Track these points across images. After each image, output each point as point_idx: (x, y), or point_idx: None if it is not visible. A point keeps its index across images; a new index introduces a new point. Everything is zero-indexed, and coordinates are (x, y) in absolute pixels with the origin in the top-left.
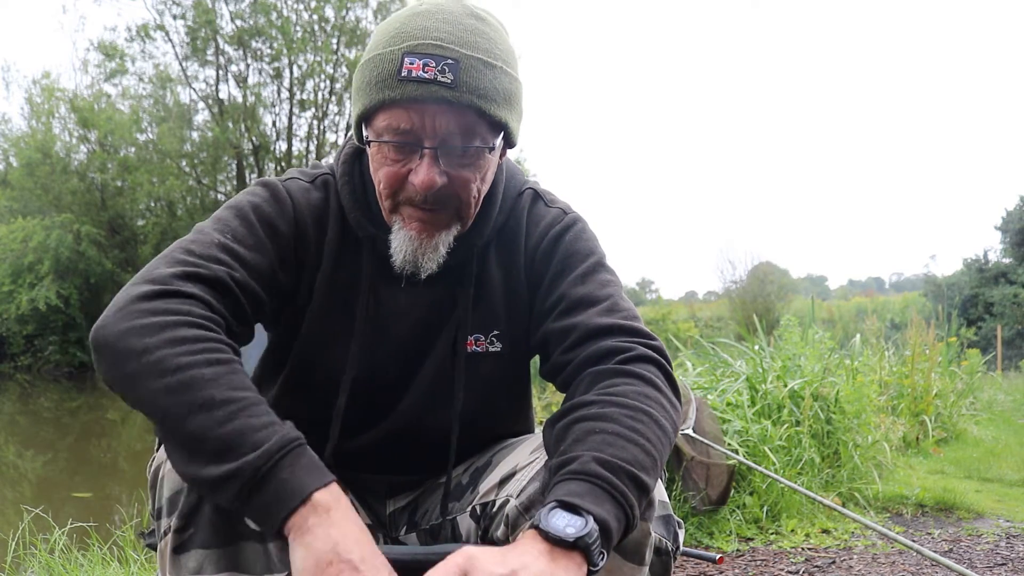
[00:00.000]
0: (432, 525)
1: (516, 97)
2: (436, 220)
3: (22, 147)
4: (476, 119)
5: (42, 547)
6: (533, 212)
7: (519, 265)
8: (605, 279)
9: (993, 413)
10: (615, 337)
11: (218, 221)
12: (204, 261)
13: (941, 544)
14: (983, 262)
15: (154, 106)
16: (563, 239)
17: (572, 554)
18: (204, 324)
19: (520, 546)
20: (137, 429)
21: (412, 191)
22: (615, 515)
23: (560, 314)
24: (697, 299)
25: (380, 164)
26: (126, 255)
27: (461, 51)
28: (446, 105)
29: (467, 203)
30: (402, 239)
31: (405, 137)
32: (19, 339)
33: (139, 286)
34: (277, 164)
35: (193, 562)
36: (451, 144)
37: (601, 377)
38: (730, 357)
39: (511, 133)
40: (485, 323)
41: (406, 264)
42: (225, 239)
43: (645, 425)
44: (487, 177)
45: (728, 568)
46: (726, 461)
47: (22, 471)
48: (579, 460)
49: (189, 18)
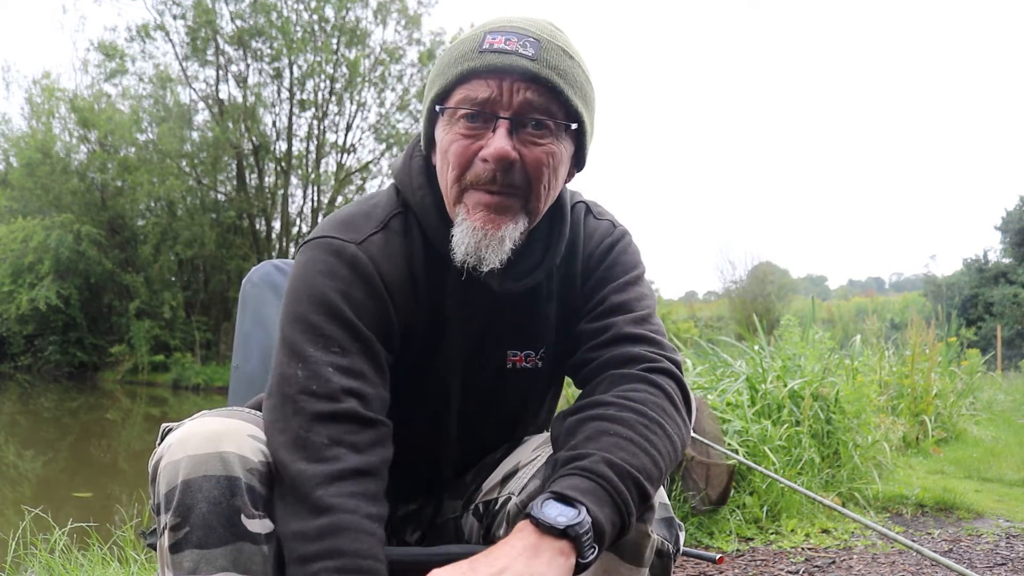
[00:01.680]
0: (436, 524)
1: (591, 104)
2: (503, 207)
3: (22, 147)
4: (553, 98)
5: (42, 547)
6: (586, 224)
7: (576, 277)
8: (643, 292)
9: (993, 413)
10: (642, 346)
11: (311, 329)
12: (330, 403)
13: (941, 544)
14: (983, 262)
15: (154, 106)
16: (613, 249)
17: (560, 542)
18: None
19: (507, 542)
20: (137, 429)
21: (481, 168)
22: (611, 519)
23: (596, 316)
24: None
25: (450, 142)
26: (126, 255)
27: (543, 36)
28: (525, 77)
29: (537, 193)
30: (465, 230)
31: (481, 107)
32: (19, 339)
33: (297, 465)
34: (277, 164)
35: (189, 561)
36: (526, 117)
37: (622, 380)
38: (730, 357)
39: (584, 139)
40: (535, 339)
41: (468, 257)
42: (333, 356)
43: (658, 437)
44: (559, 173)
45: (728, 568)
46: (726, 461)
47: (22, 471)
48: (589, 458)
49: (189, 18)
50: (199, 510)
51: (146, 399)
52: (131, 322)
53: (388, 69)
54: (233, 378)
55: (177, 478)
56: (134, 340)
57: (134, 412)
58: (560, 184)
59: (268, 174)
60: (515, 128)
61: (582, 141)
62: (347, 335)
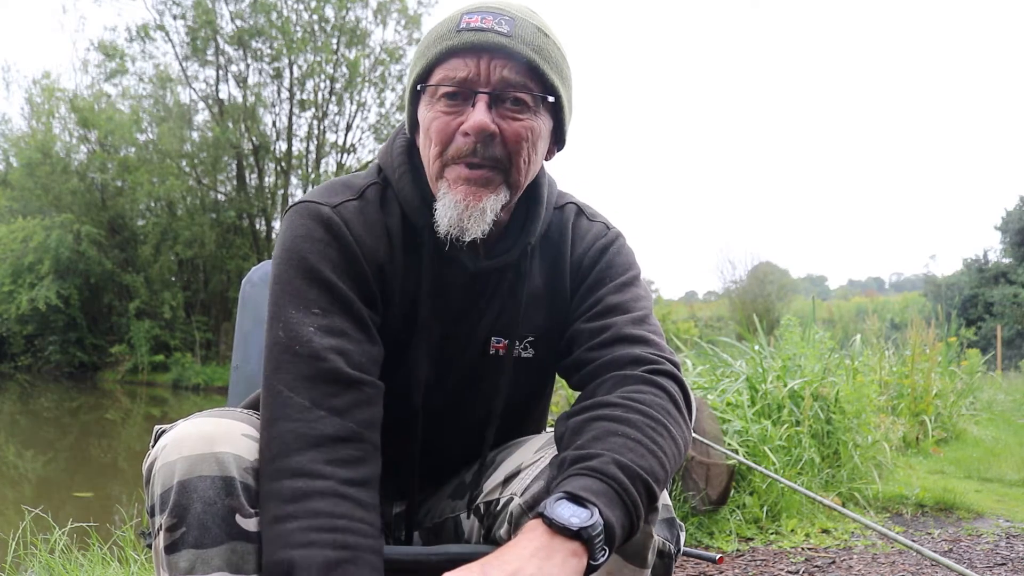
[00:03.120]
0: (435, 523)
1: (567, 81)
2: (484, 180)
3: (22, 147)
4: (529, 74)
5: (42, 547)
6: (578, 225)
7: (564, 275)
8: (639, 293)
9: (993, 413)
10: (643, 347)
11: (292, 292)
12: (314, 361)
13: (941, 544)
14: (983, 262)
15: (154, 106)
16: (608, 251)
17: (573, 543)
18: (340, 494)
19: (518, 542)
20: (137, 429)
21: (461, 143)
22: (622, 522)
23: (593, 316)
24: (697, 299)
25: (432, 120)
26: (126, 255)
27: (518, 15)
28: (501, 53)
29: (517, 166)
30: (447, 203)
31: (460, 86)
32: (19, 339)
33: (277, 427)
34: (277, 164)
35: (185, 562)
36: (505, 93)
37: (627, 382)
38: (730, 357)
39: (562, 116)
40: (522, 328)
41: (451, 228)
42: (314, 317)
43: (663, 439)
44: (538, 148)
45: (728, 568)
46: (726, 461)
47: (22, 471)
48: (599, 459)
49: (189, 18)
50: (195, 510)
51: (146, 399)
52: (131, 322)
53: (388, 69)
54: (233, 378)
55: (172, 479)
56: (134, 340)
57: (134, 412)
58: (540, 159)
59: (268, 174)
60: (494, 103)
61: (560, 117)
62: (327, 296)
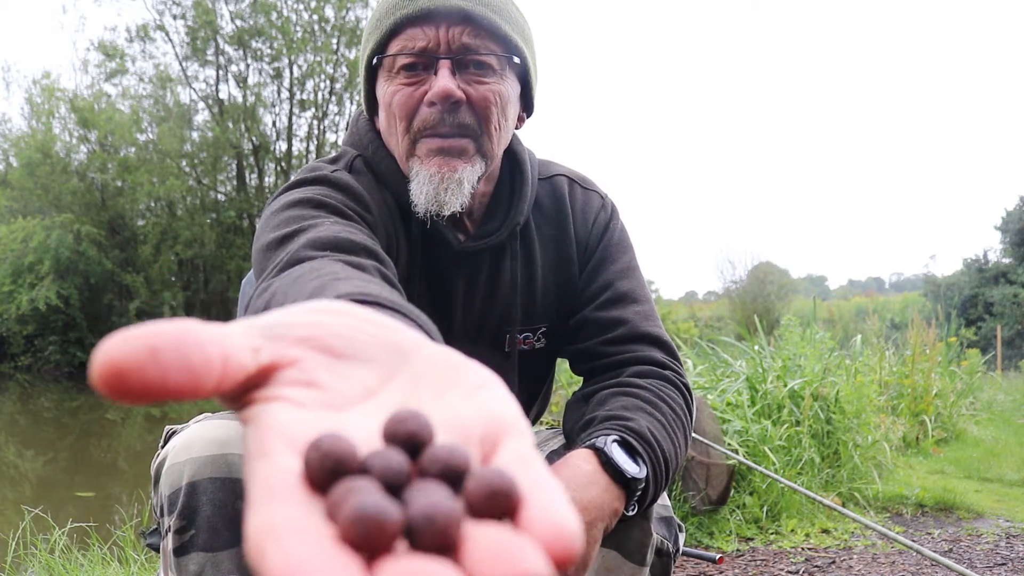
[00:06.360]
0: None
1: (530, 42)
2: (457, 149)
3: (22, 147)
4: (491, 36)
5: (42, 547)
6: (574, 196)
7: (571, 255)
8: (642, 278)
9: (993, 413)
10: (660, 351)
11: (273, 243)
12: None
13: (941, 544)
14: (983, 262)
15: (154, 106)
16: (610, 227)
17: (619, 489)
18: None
19: (569, 464)
20: (137, 429)
21: (427, 113)
22: (652, 487)
23: (604, 304)
24: (697, 299)
25: (393, 94)
26: (126, 255)
27: None
28: (459, 17)
29: (488, 132)
30: (422, 179)
31: (420, 56)
32: (19, 339)
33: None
34: (277, 164)
35: (195, 565)
36: (467, 57)
37: (648, 375)
38: (730, 357)
39: (529, 79)
40: (533, 319)
41: (429, 205)
42: (310, 225)
43: (679, 436)
44: (508, 113)
45: (728, 568)
46: (726, 461)
47: (22, 471)
48: (635, 422)
49: (189, 18)
50: (204, 513)
51: None
52: (131, 322)
53: None
54: None
55: (182, 480)
56: None
57: (134, 412)
58: (511, 125)
59: (268, 174)
60: (458, 69)
61: (527, 80)
62: (328, 214)
